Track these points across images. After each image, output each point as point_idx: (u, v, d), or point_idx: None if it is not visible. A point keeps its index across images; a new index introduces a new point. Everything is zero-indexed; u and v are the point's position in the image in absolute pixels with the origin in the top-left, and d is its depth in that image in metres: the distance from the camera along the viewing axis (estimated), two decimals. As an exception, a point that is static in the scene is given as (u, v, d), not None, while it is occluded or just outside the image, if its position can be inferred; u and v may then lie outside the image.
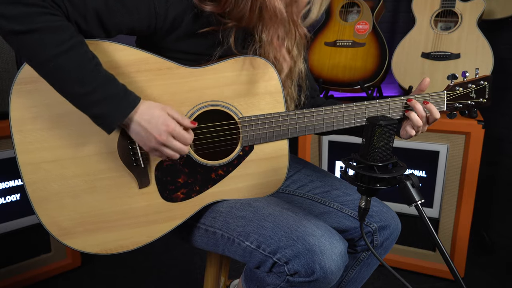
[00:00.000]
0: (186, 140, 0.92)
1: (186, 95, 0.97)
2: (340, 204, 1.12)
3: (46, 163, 0.91)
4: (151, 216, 1.00)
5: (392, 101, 1.08)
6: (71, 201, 0.94)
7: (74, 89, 0.84)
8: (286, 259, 0.90)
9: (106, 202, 0.96)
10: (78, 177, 0.93)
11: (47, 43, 0.80)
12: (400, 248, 1.88)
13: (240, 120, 1.01)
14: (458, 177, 1.72)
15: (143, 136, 0.89)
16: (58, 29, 0.81)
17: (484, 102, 1.14)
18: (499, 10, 1.87)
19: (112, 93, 0.85)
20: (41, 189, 0.92)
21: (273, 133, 1.04)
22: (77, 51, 0.83)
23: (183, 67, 0.96)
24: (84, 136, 0.92)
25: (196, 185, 1.02)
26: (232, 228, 0.98)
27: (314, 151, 1.94)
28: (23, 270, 1.75)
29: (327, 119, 1.06)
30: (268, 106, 1.03)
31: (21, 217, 1.70)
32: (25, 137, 0.90)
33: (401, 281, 0.84)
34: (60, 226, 0.94)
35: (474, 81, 1.13)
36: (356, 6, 1.99)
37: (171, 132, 0.90)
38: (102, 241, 0.98)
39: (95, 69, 0.84)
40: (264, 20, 0.95)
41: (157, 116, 0.89)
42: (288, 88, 1.09)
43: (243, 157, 1.04)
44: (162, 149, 0.91)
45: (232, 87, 1.00)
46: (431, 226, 0.80)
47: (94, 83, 0.84)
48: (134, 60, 0.92)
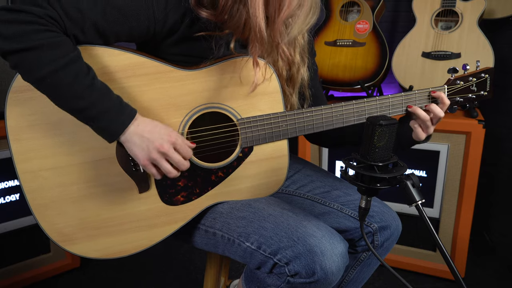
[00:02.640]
0: (188, 153, 0.91)
1: (184, 98, 0.96)
2: (340, 204, 1.11)
3: (45, 171, 0.91)
4: (152, 220, 0.99)
5: (392, 97, 1.07)
6: (71, 207, 0.94)
7: (72, 104, 0.84)
8: (286, 260, 0.90)
9: (106, 207, 0.96)
10: (77, 183, 0.93)
11: (44, 60, 0.80)
12: (400, 248, 1.88)
13: (239, 121, 1.00)
14: (458, 177, 1.72)
15: (143, 147, 0.87)
16: (56, 45, 0.81)
17: (485, 94, 1.12)
18: (500, 9, 1.87)
19: (107, 107, 0.84)
20: (41, 197, 0.92)
21: (273, 134, 1.03)
22: (73, 66, 0.82)
23: (180, 70, 0.95)
24: (81, 143, 0.92)
25: (196, 188, 1.01)
26: (233, 229, 0.98)
27: (314, 151, 1.93)
28: (22, 270, 1.74)
29: (327, 118, 1.05)
30: (267, 106, 1.02)
31: (20, 217, 1.69)
32: (23, 145, 0.89)
33: (402, 281, 0.84)
34: (61, 233, 0.94)
35: (475, 74, 1.11)
36: (357, 5, 1.99)
37: (174, 143, 0.89)
38: (104, 246, 0.97)
39: (91, 83, 0.84)
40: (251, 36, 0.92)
41: (160, 127, 0.89)
42: (289, 96, 1.08)
43: (242, 159, 1.03)
44: (161, 161, 0.89)
45: (230, 89, 0.99)
46: (432, 226, 0.80)
47: (90, 98, 0.83)
48: (129, 65, 0.91)
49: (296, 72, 1.06)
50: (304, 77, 1.08)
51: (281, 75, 1.04)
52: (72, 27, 0.83)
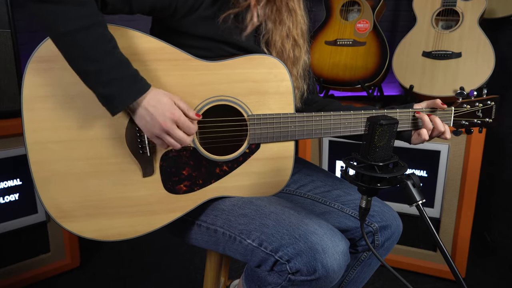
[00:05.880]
0: (190, 130, 0.92)
1: (199, 88, 0.97)
2: (341, 204, 1.11)
3: (53, 143, 0.91)
4: (152, 206, 1.00)
5: (400, 112, 1.09)
6: (74, 183, 0.94)
7: (86, 66, 0.84)
8: (288, 258, 0.90)
9: (109, 187, 0.96)
10: (83, 159, 0.93)
11: (68, 16, 0.80)
12: (401, 248, 1.88)
13: (249, 117, 1.01)
14: (459, 177, 1.72)
15: (148, 122, 0.89)
16: (82, 3, 0.81)
17: (490, 122, 1.16)
18: (500, 9, 1.87)
19: (123, 75, 0.85)
20: (45, 169, 0.92)
21: (281, 134, 1.04)
22: (96, 29, 0.83)
23: (198, 60, 0.96)
24: (93, 119, 0.92)
25: (200, 179, 1.02)
26: (234, 226, 0.98)
27: (315, 150, 1.93)
28: (22, 270, 1.74)
29: (335, 124, 1.07)
30: (278, 106, 1.03)
31: (20, 217, 1.69)
32: (34, 115, 0.90)
33: (402, 281, 0.83)
34: (60, 208, 0.94)
35: (481, 100, 1.15)
36: (357, 5, 1.99)
37: (176, 120, 0.90)
38: (101, 227, 0.97)
39: (111, 50, 0.85)
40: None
41: (164, 103, 0.89)
42: (294, 78, 1.10)
43: (248, 155, 1.04)
44: (165, 137, 0.91)
45: (244, 84, 1.00)
46: (432, 226, 0.79)
47: (108, 63, 0.84)
48: (151, 48, 0.93)
49: (299, 55, 1.09)
50: (306, 60, 1.12)
51: (289, 58, 1.07)
52: None
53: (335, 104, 1.22)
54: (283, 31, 1.04)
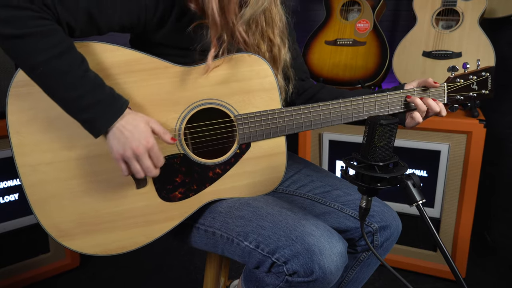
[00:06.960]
0: (159, 162, 0.91)
1: (181, 94, 0.96)
2: (340, 204, 1.11)
3: (43, 165, 0.91)
4: (150, 216, 0.99)
5: (391, 95, 1.08)
6: (69, 202, 0.93)
7: (63, 94, 0.84)
8: (285, 259, 0.90)
9: (104, 203, 0.95)
10: (74, 179, 0.93)
11: (38, 48, 0.80)
12: (401, 248, 1.87)
13: (236, 117, 1.00)
14: (459, 177, 1.71)
15: (121, 143, 0.87)
16: (49, 33, 0.81)
17: (486, 93, 1.12)
18: (501, 8, 1.86)
19: (99, 98, 0.85)
20: (39, 192, 0.92)
21: (270, 130, 1.03)
22: (67, 56, 0.82)
23: (177, 66, 0.95)
24: (79, 138, 0.92)
25: (194, 184, 1.01)
26: (231, 228, 0.98)
27: (315, 150, 1.93)
28: (22, 270, 1.74)
29: (325, 115, 1.05)
30: (264, 103, 1.02)
31: (20, 217, 1.69)
32: (22, 139, 0.90)
33: (402, 281, 0.83)
34: (59, 228, 0.94)
35: (475, 73, 1.11)
36: (357, 4, 1.99)
37: (150, 149, 0.89)
38: (101, 242, 0.97)
39: (84, 74, 0.84)
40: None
41: (140, 129, 0.88)
42: None
43: (240, 155, 1.03)
44: (133, 162, 0.89)
45: (227, 85, 0.99)
46: (432, 226, 0.79)
47: (83, 89, 0.83)
48: (126, 61, 0.92)
49: (278, 53, 1.07)
50: (286, 58, 1.10)
51: (266, 58, 1.05)
52: (65, 15, 0.83)
53: (327, 90, 1.22)
54: (256, 33, 1.02)
